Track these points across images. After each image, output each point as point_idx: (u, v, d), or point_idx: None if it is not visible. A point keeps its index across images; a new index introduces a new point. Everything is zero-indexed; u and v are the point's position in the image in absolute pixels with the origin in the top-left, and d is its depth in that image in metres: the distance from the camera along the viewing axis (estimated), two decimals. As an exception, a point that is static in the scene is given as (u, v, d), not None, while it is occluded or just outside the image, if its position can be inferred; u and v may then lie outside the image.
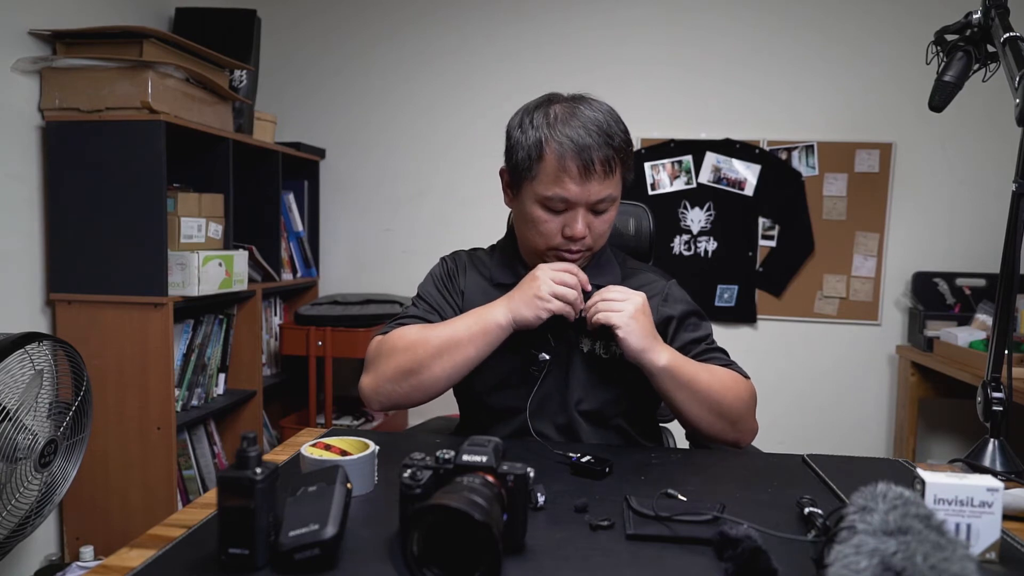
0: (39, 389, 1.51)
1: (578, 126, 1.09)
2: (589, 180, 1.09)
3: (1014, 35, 1.06)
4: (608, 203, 1.13)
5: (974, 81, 1.24)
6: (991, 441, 1.07)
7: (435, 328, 1.15)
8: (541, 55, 2.80)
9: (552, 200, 1.11)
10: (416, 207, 2.92)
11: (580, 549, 0.75)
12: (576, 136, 1.08)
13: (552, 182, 1.10)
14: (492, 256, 1.31)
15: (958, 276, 2.61)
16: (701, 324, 1.25)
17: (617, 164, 1.11)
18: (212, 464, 2.33)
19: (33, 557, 2.00)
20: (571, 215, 1.12)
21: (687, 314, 1.24)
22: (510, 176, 1.18)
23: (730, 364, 1.20)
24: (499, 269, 1.27)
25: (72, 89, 1.94)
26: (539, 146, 1.10)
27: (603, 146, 1.09)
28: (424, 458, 0.77)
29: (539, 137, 1.10)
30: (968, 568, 0.54)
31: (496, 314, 1.10)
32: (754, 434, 1.18)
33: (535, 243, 1.17)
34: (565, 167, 1.08)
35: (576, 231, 1.11)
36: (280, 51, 2.90)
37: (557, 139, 1.09)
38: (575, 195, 1.09)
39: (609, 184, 1.11)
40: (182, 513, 0.84)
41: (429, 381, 1.12)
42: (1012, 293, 1.08)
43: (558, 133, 1.09)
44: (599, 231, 1.15)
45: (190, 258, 2.00)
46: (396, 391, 1.15)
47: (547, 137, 1.09)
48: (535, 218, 1.14)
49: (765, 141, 2.71)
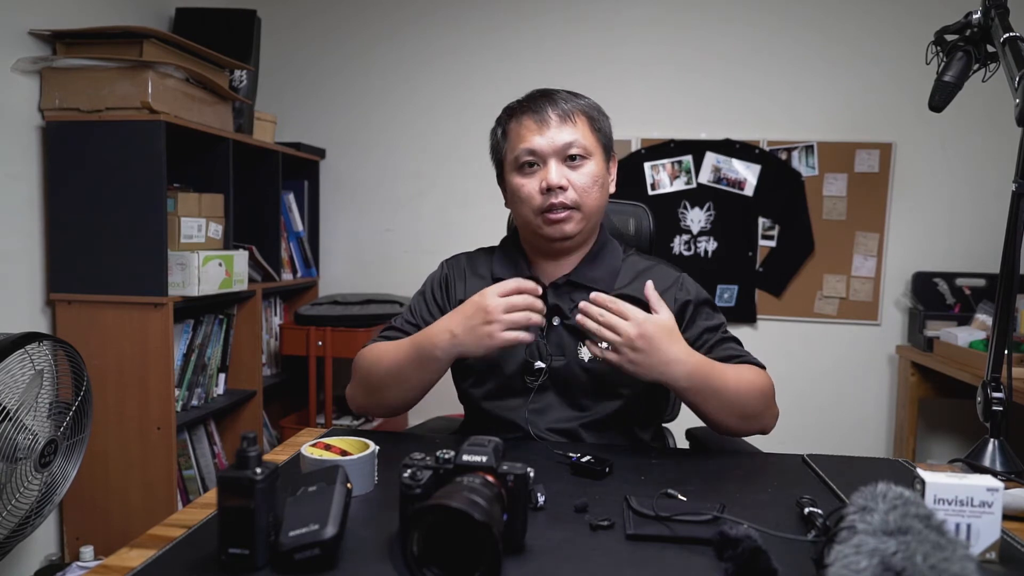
0: (39, 389, 1.51)
1: (531, 96, 1.21)
2: (546, 127, 1.16)
3: (1014, 35, 1.06)
4: (578, 150, 1.16)
5: (974, 81, 1.24)
6: (991, 441, 1.07)
7: (390, 351, 1.16)
8: (541, 55, 2.80)
9: (521, 157, 1.17)
10: (416, 207, 2.92)
11: (580, 549, 0.75)
12: (528, 100, 1.20)
13: (517, 142, 1.18)
14: (493, 253, 1.32)
15: (958, 276, 2.61)
16: (715, 314, 1.24)
17: (577, 114, 1.17)
18: (212, 464, 2.33)
19: (33, 557, 2.00)
20: (545, 170, 1.16)
21: (703, 301, 1.24)
22: (497, 170, 1.27)
23: (744, 356, 1.19)
24: (500, 264, 1.27)
25: (72, 89, 1.94)
26: (504, 124, 1.22)
27: (556, 100, 1.18)
28: (424, 458, 0.77)
29: (503, 119, 1.23)
30: (968, 568, 0.54)
31: (437, 343, 1.08)
32: (776, 418, 1.18)
33: (525, 215, 1.19)
34: (523, 124, 1.18)
35: (551, 180, 1.14)
36: (280, 51, 2.90)
37: (515, 111, 1.20)
38: (539, 145, 1.15)
39: (571, 130, 1.16)
40: (182, 513, 0.84)
41: (388, 402, 1.18)
42: (1012, 293, 1.08)
43: (515, 108, 1.21)
44: (580, 184, 1.16)
45: (190, 258, 2.00)
46: (366, 405, 1.22)
47: (508, 115, 1.22)
48: (516, 187, 1.18)
49: (765, 141, 2.71)
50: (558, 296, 1.21)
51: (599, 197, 1.19)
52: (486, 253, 1.33)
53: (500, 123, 1.24)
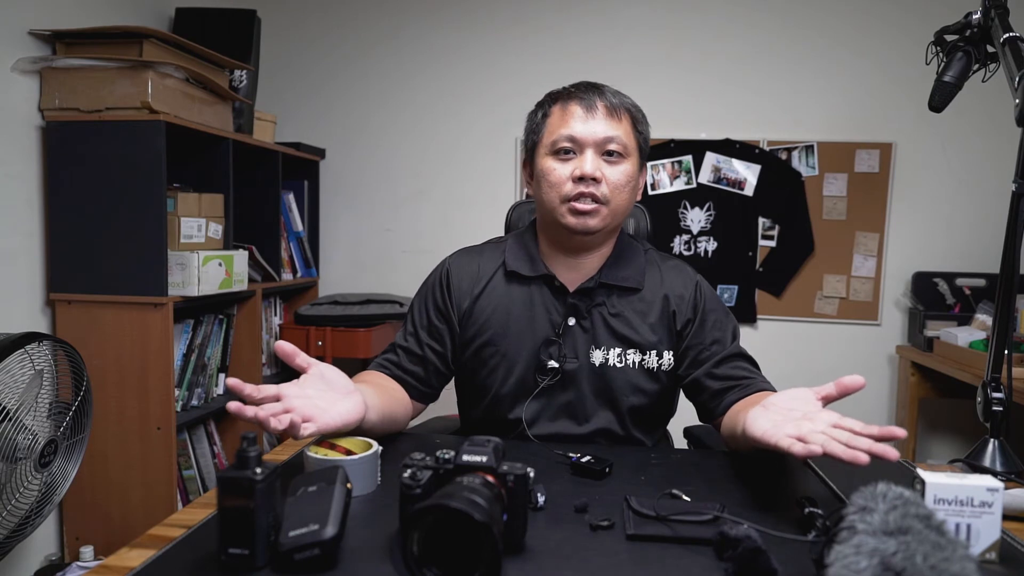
0: (39, 389, 1.51)
1: (580, 85, 1.19)
2: (593, 117, 1.13)
3: (1014, 35, 1.06)
4: (618, 147, 1.14)
5: (974, 81, 1.24)
6: (991, 441, 1.07)
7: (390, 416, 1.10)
8: (541, 55, 2.80)
9: (559, 142, 1.14)
10: (416, 207, 2.92)
11: (580, 549, 0.75)
12: (577, 87, 1.18)
13: (558, 126, 1.15)
14: (503, 244, 1.27)
15: (958, 276, 2.61)
16: (727, 323, 1.21)
17: (624, 113, 1.16)
18: (212, 464, 2.33)
19: (33, 557, 2.00)
20: (581, 159, 1.13)
21: (718, 309, 1.22)
22: (527, 154, 1.23)
23: (753, 378, 1.16)
24: (513, 256, 1.23)
25: (72, 89, 1.94)
26: (546, 108, 1.19)
27: (606, 94, 1.16)
28: (424, 458, 0.77)
29: (546, 103, 1.20)
30: (968, 568, 0.54)
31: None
32: None
33: (550, 201, 1.16)
34: (568, 110, 1.15)
35: (586, 169, 1.12)
36: (280, 51, 2.90)
37: (561, 95, 1.18)
38: (580, 132, 1.13)
39: (615, 126, 1.14)
40: (182, 513, 0.84)
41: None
42: (1012, 293, 1.08)
43: (562, 93, 1.19)
44: (614, 180, 1.14)
45: (190, 258, 2.00)
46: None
47: (553, 99, 1.19)
48: (547, 170, 1.16)
49: (765, 141, 2.71)
50: (580, 297, 1.19)
51: (628, 198, 1.17)
52: (495, 245, 1.29)
53: (541, 106, 1.21)
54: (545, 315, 1.19)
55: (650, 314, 1.19)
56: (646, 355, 1.19)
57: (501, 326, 1.19)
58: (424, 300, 1.26)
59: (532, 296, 1.20)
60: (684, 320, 1.20)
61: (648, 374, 1.19)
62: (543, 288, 1.20)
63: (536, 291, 1.20)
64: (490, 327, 1.20)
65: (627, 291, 1.20)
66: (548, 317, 1.19)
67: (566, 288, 1.19)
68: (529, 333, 1.19)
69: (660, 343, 1.19)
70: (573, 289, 1.19)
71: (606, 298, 1.19)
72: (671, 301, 1.20)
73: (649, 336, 1.18)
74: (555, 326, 1.18)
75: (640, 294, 1.20)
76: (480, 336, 1.21)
